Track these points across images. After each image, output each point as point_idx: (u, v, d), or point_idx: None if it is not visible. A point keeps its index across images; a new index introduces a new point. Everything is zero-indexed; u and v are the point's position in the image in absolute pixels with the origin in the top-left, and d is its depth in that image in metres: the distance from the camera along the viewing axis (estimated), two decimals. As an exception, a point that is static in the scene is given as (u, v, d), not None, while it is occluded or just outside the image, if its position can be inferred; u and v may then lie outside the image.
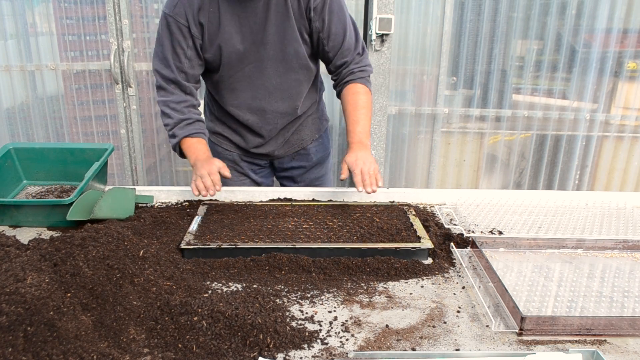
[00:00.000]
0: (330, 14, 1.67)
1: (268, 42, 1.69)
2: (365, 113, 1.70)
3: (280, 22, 1.66)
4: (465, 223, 1.60)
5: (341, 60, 1.74)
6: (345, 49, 1.73)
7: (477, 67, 2.95)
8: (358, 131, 1.67)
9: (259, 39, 1.68)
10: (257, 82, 1.77)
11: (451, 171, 3.19)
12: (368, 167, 1.56)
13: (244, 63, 1.72)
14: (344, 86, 1.75)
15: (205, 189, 1.52)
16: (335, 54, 1.73)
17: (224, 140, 1.95)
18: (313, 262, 1.32)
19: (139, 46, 2.92)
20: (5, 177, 1.70)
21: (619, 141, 3.08)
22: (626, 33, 2.87)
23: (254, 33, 1.67)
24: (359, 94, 1.73)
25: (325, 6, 1.66)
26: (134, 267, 1.19)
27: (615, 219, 1.66)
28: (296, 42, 1.70)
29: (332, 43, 1.71)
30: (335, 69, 1.77)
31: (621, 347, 1.06)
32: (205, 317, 1.05)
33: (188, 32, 1.64)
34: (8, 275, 1.06)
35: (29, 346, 0.93)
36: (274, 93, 1.80)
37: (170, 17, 1.63)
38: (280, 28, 1.67)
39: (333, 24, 1.69)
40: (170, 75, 1.68)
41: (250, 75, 1.75)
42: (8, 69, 2.93)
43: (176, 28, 1.63)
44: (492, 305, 1.20)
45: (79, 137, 3.08)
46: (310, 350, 1.03)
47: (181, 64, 1.67)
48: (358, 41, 1.76)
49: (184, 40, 1.65)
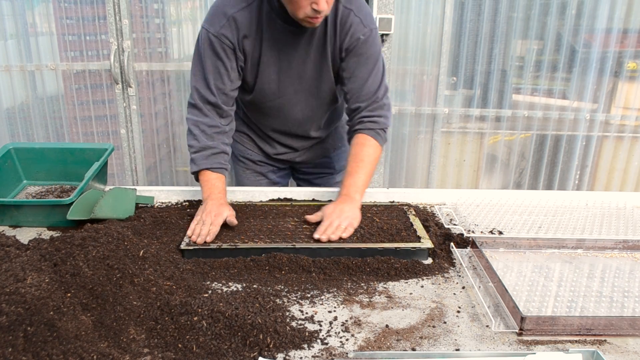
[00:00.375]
0: (359, 57, 1.62)
1: (304, 79, 1.67)
2: (364, 167, 1.60)
3: (318, 61, 1.64)
4: (465, 223, 1.60)
5: (355, 104, 1.66)
6: (363, 95, 1.64)
7: (477, 67, 2.94)
8: (349, 184, 1.58)
9: (295, 74, 1.66)
10: (288, 113, 1.76)
11: (451, 171, 3.19)
12: (340, 222, 1.44)
13: (276, 95, 1.70)
14: (353, 134, 1.67)
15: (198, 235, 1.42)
16: (352, 96, 1.66)
17: (248, 141, 1.95)
18: (313, 262, 1.32)
19: (139, 46, 2.92)
20: (5, 177, 1.70)
21: (619, 141, 3.08)
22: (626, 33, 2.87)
23: (292, 68, 1.64)
24: (362, 146, 1.63)
25: (356, 49, 1.61)
26: (134, 267, 1.19)
27: (615, 219, 1.66)
28: (330, 81, 1.68)
29: (352, 85, 1.65)
30: (349, 112, 1.69)
31: (621, 347, 1.06)
32: (205, 317, 1.05)
33: (233, 54, 1.58)
34: (8, 275, 1.06)
35: (29, 346, 0.93)
36: (303, 121, 1.80)
37: (214, 37, 1.56)
38: (318, 66, 1.65)
39: (359, 68, 1.63)
40: (211, 98, 1.60)
41: (281, 106, 1.74)
42: (8, 69, 2.93)
43: (221, 48, 1.56)
44: (492, 305, 1.20)
45: (79, 137, 3.08)
46: (310, 350, 1.03)
47: (224, 86, 1.61)
48: (379, 90, 1.66)
49: (229, 61, 1.59)
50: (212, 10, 1.61)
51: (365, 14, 1.62)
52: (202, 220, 1.45)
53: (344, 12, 1.59)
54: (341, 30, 1.60)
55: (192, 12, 2.90)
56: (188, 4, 2.90)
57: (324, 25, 1.59)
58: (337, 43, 1.62)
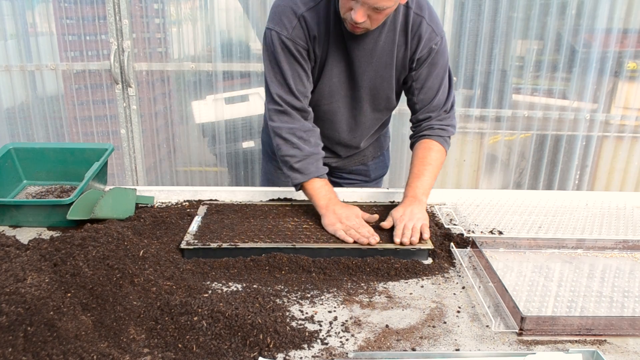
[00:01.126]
0: (430, 67, 1.58)
1: (363, 86, 1.63)
2: (431, 170, 1.58)
3: (381, 69, 1.59)
4: (465, 223, 1.60)
5: (426, 114, 1.63)
6: (433, 105, 1.62)
7: (477, 67, 2.94)
8: (416, 185, 1.56)
9: (356, 80, 1.61)
10: (341, 117, 1.71)
11: (451, 171, 3.19)
12: (413, 223, 1.43)
13: (334, 99, 1.66)
14: (419, 139, 1.64)
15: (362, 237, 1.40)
16: (422, 107, 1.63)
17: None
18: (313, 262, 1.32)
19: (139, 46, 2.92)
20: (5, 177, 1.70)
21: (619, 141, 3.08)
22: (626, 33, 2.87)
23: (352, 73, 1.60)
24: (430, 150, 1.61)
25: (429, 58, 1.57)
26: (134, 267, 1.19)
27: (615, 219, 1.66)
28: (390, 89, 1.64)
29: (423, 96, 1.62)
30: (417, 121, 1.66)
31: (621, 347, 1.06)
32: (205, 317, 1.05)
33: (307, 55, 1.54)
34: (8, 275, 1.06)
35: (29, 346, 0.93)
36: (354, 129, 1.76)
37: (288, 40, 1.50)
38: (379, 74, 1.61)
39: (430, 77, 1.59)
40: (297, 103, 1.55)
41: (336, 111, 1.69)
42: (8, 69, 2.93)
43: (296, 51, 1.51)
44: (492, 305, 1.20)
45: (79, 137, 3.08)
46: (310, 350, 1.03)
47: (305, 89, 1.56)
48: (448, 99, 1.65)
49: (306, 63, 1.54)
50: (277, 10, 1.53)
51: (436, 22, 1.57)
52: (351, 226, 1.43)
53: (416, 20, 1.53)
54: (412, 39, 1.55)
55: (192, 12, 2.90)
56: (188, 4, 2.90)
57: (392, 32, 1.54)
58: (408, 52, 1.57)
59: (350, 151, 1.86)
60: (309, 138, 1.56)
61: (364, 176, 1.98)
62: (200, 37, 2.92)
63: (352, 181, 1.99)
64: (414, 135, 1.68)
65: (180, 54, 2.98)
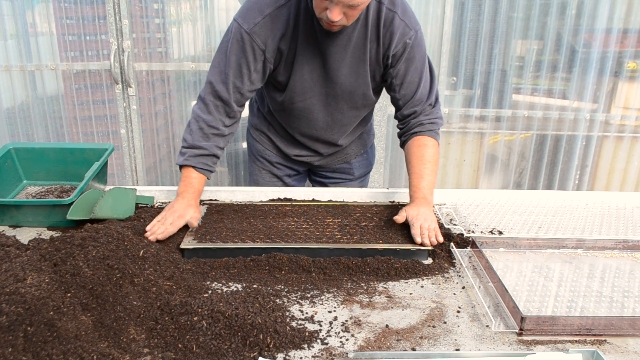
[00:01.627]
0: (408, 62, 1.58)
1: (337, 83, 1.63)
2: (431, 168, 1.60)
3: (355, 65, 1.59)
4: (465, 223, 1.60)
5: (410, 109, 1.64)
6: (416, 99, 1.62)
7: (477, 67, 2.94)
8: (422, 186, 1.56)
9: (329, 77, 1.62)
10: (317, 115, 1.72)
11: (451, 171, 3.19)
12: (428, 224, 1.45)
13: (308, 95, 1.66)
14: (411, 137, 1.64)
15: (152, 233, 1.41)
16: (406, 102, 1.63)
17: (267, 141, 1.91)
18: (313, 262, 1.32)
19: (139, 46, 2.92)
20: (5, 177, 1.70)
21: (619, 141, 3.08)
22: (626, 33, 2.87)
23: (325, 70, 1.60)
24: (426, 147, 1.61)
25: (405, 53, 1.56)
26: (134, 267, 1.19)
27: (615, 219, 1.66)
28: (366, 85, 1.64)
29: (404, 92, 1.62)
30: (403, 117, 1.67)
31: (621, 347, 1.06)
32: (205, 317, 1.05)
33: (262, 56, 1.54)
34: (8, 275, 1.06)
35: (29, 346, 0.93)
36: (332, 126, 1.76)
37: (246, 34, 1.51)
38: (354, 70, 1.60)
39: (409, 72, 1.59)
40: (224, 94, 1.56)
41: (311, 108, 1.70)
42: (8, 69, 2.93)
43: (250, 47, 1.52)
44: (492, 305, 1.20)
45: (79, 137, 3.08)
46: (310, 350, 1.03)
47: (241, 85, 1.56)
48: (432, 92, 1.65)
49: (254, 62, 1.54)
50: (248, 4, 1.54)
51: (410, 16, 1.57)
52: (164, 218, 1.46)
53: (388, 15, 1.53)
54: (385, 34, 1.55)
55: (192, 12, 2.90)
56: (188, 4, 2.90)
57: (364, 27, 1.54)
58: (381, 48, 1.57)
59: (330, 149, 1.87)
60: (209, 134, 1.58)
61: (348, 174, 1.99)
62: (200, 37, 2.92)
63: (337, 180, 2.00)
64: (404, 132, 1.68)
65: (180, 54, 2.98)
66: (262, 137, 1.91)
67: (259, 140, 1.92)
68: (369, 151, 2.01)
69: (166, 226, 1.43)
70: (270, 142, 1.91)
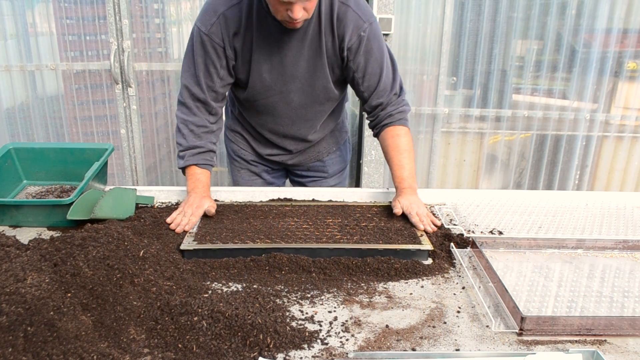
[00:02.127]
0: (366, 54, 1.61)
1: (297, 77, 1.65)
2: (408, 156, 1.65)
3: (312, 58, 1.62)
4: (465, 223, 1.60)
5: (376, 101, 1.68)
6: (380, 90, 1.66)
7: (477, 67, 2.95)
8: (406, 176, 1.62)
9: (288, 72, 1.64)
10: (281, 111, 1.75)
11: (451, 171, 3.19)
12: (422, 211, 1.53)
13: (269, 93, 1.70)
14: (383, 129, 1.69)
15: (177, 225, 1.49)
16: (371, 94, 1.67)
17: (242, 140, 1.95)
18: (313, 262, 1.32)
19: (139, 46, 2.92)
20: (5, 177, 1.70)
21: (619, 141, 3.09)
22: (626, 33, 2.87)
23: (284, 66, 1.63)
24: (399, 137, 1.67)
25: (361, 46, 1.59)
26: (134, 267, 1.19)
27: (615, 219, 1.66)
28: (325, 78, 1.67)
29: (367, 83, 1.66)
30: (371, 109, 1.71)
31: (621, 347, 1.06)
32: (205, 317, 1.05)
33: (223, 53, 1.60)
34: (8, 275, 1.06)
35: (29, 346, 0.93)
36: (297, 122, 1.79)
37: (205, 36, 1.58)
38: (311, 64, 1.63)
39: (369, 64, 1.62)
40: (200, 95, 1.63)
41: (275, 104, 1.73)
42: (8, 69, 2.93)
43: (211, 47, 1.58)
44: (492, 305, 1.20)
45: (79, 137, 3.08)
46: (310, 350, 1.03)
47: (213, 83, 1.63)
48: (395, 81, 1.69)
49: (218, 60, 1.60)
50: (204, 7, 1.62)
51: (364, 8, 1.60)
52: (183, 211, 1.52)
53: (341, 9, 1.57)
54: (339, 27, 1.58)
55: (192, 12, 2.90)
56: (188, 4, 2.90)
57: (318, 22, 1.57)
58: (336, 41, 1.60)
59: (300, 145, 1.89)
60: (200, 133, 1.66)
61: (322, 172, 2.01)
62: (200, 37, 2.92)
63: (312, 178, 2.02)
64: (376, 125, 1.73)
65: (180, 54, 2.98)
66: (236, 137, 1.96)
67: (234, 141, 1.97)
68: (342, 148, 2.04)
69: (188, 217, 1.50)
70: (245, 141, 1.94)
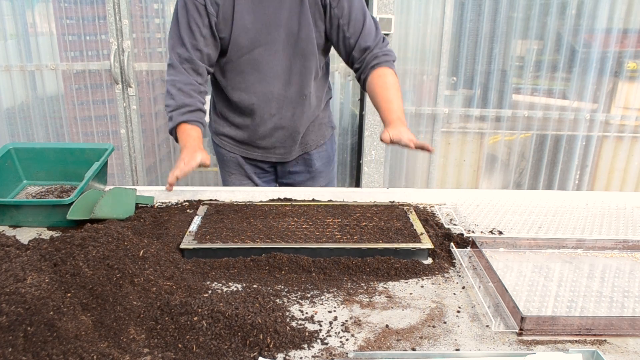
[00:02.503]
0: (349, 1, 1.69)
1: (281, 25, 1.70)
2: (395, 93, 1.68)
3: (295, 7, 1.68)
4: (465, 223, 1.60)
5: (364, 44, 1.72)
6: (366, 33, 1.72)
7: (477, 67, 2.95)
8: (394, 109, 1.65)
9: (271, 21, 1.69)
10: (266, 65, 1.77)
11: (451, 171, 3.19)
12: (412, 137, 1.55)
13: (254, 45, 1.73)
14: (370, 71, 1.73)
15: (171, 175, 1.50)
16: (357, 38, 1.72)
17: (229, 141, 1.95)
18: (313, 262, 1.32)
19: (139, 46, 2.92)
20: (5, 177, 1.70)
21: (619, 141, 3.09)
22: (626, 33, 2.87)
23: (267, 15, 1.68)
24: (386, 76, 1.71)
25: None
26: (134, 267, 1.19)
27: (615, 219, 1.66)
28: (308, 26, 1.71)
29: (353, 29, 1.71)
30: (359, 55, 1.74)
31: (621, 347, 1.06)
32: (205, 317, 1.05)
33: (204, 10, 1.65)
34: (8, 275, 1.06)
35: (29, 346, 0.93)
36: (282, 76, 1.79)
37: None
38: (294, 12, 1.69)
39: (353, 9, 1.70)
40: (185, 53, 1.68)
41: (259, 58, 1.75)
42: (8, 69, 2.93)
43: (192, 6, 1.65)
44: (492, 305, 1.20)
45: (79, 137, 3.08)
46: (310, 350, 1.03)
47: (196, 42, 1.68)
48: (378, 29, 1.75)
49: (200, 18, 1.66)
50: None
51: None
52: (177, 165, 1.53)
53: None
54: None
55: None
56: (188, 4, 2.89)
57: None
58: None
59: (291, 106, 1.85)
60: (189, 91, 1.68)
61: (309, 166, 2.02)
62: (200, 37, 2.92)
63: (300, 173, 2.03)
64: (363, 70, 1.75)
65: (180, 54, 2.97)
66: (223, 141, 1.97)
67: (221, 145, 1.98)
68: (327, 143, 2.04)
69: (181, 167, 1.51)
70: (232, 139, 1.95)
